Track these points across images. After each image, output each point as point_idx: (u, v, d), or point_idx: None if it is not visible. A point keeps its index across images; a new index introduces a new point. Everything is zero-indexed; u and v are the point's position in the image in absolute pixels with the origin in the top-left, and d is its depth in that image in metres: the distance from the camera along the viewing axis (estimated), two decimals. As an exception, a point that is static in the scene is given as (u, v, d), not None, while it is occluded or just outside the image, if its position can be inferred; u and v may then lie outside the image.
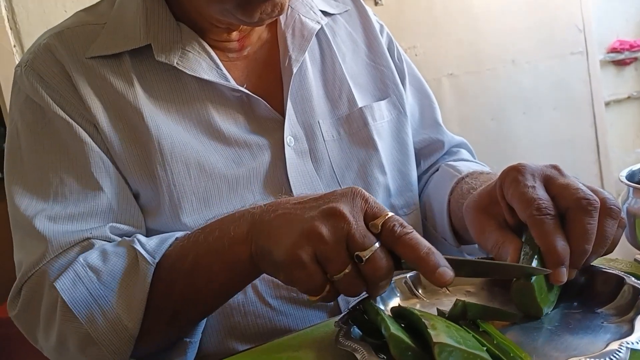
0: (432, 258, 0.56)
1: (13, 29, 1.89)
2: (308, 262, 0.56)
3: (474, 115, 2.69)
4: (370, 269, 0.56)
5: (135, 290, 0.70)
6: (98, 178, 0.78)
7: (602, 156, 3.03)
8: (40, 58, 0.81)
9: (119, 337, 0.69)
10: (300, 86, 0.90)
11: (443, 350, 0.48)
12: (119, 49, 0.82)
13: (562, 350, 0.53)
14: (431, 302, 0.68)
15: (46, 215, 0.75)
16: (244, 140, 0.84)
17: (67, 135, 0.79)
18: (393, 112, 0.98)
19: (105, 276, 0.71)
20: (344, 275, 0.56)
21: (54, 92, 0.79)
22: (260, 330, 0.81)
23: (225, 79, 0.84)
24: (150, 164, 0.79)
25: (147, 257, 0.71)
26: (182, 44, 0.83)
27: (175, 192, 0.79)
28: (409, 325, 0.57)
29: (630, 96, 3.32)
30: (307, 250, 0.56)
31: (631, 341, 0.49)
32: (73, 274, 0.71)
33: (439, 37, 2.63)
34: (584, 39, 2.96)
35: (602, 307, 0.60)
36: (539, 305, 0.60)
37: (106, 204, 0.78)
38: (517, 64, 2.81)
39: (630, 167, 0.80)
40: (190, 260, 0.69)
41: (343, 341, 0.57)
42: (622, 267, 0.72)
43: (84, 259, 0.72)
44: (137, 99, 0.80)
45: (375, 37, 1.01)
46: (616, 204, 0.62)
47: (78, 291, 0.70)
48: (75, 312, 0.69)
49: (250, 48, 0.90)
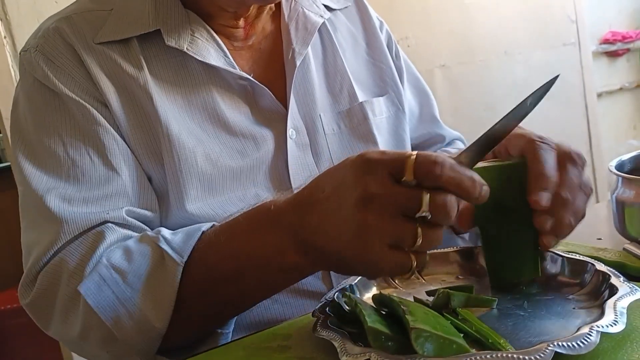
0: (477, 187, 0.53)
1: (3, 20, 1.88)
2: (387, 268, 0.55)
3: (466, 106, 2.69)
4: (439, 216, 0.53)
5: (164, 290, 0.67)
6: (113, 161, 0.77)
7: (594, 147, 3.03)
8: (51, 42, 0.81)
9: (145, 337, 0.68)
10: (303, 79, 0.91)
11: (419, 335, 0.49)
12: (128, 34, 0.82)
13: (535, 335, 0.55)
14: (407, 291, 0.69)
15: (59, 195, 0.74)
16: (249, 131, 0.84)
17: (81, 117, 0.78)
18: (391, 108, 0.99)
19: (131, 277, 0.69)
20: (422, 240, 0.53)
21: (66, 76, 0.79)
22: (255, 318, 0.81)
23: (233, 66, 0.85)
24: (158, 148, 0.79)
25: (174, 256, 0.68)
26: (190, 30, 0.83)
27: (182, 178, 0.79)
28: (389, 313, 0.58)
29: (622, 87, 3.33)
30: (374, 243, 0.54)
31: (601, 325, 0.50)
32: (98, 277, 0.69)
33: (432, 28, 2.63)
34: (577, 30, 2.96)
35: (573, 294, 0.63)
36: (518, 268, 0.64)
37: (122, 186, 0.77)
38: (509, 54, 2.81)
39: (619, 157, 0.80)
40: (233, 269, 0.67)
41: (321, 330, 0.57)
42: (611, 257, 0.73)
43: (108, 259, 0.70)
44: (147, 83, 0.80)
45: (375, 34, 1.02)
46: (579, 153, 0.66)
47: (104, 295, 0.68)
48: (102, 317, 0.67)
49: (255, 38, 0.91)
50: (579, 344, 0.48)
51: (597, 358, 0.50)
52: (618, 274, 0.60)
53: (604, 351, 0.51)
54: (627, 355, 0.50)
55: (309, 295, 0.84)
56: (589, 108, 3.01)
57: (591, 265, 0.63)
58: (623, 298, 0.55)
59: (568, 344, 0.48)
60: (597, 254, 0.74)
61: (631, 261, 0.71)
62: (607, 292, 0.58)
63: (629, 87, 3.35)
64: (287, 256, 0.62)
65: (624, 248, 0.74)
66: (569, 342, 0.48)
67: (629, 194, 0.74)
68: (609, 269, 0.62)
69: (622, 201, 0.75)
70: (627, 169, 0.80)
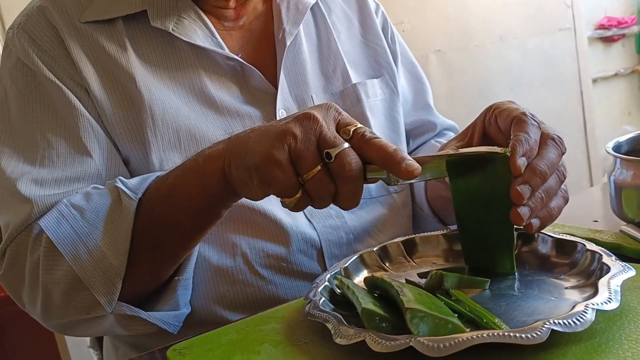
0: (399, 153, 0.58)
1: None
2: (283, 159, 0.58)
3: (461, 92, 2.69)
4: (339, 165, 0.58)
5: (120, 226, 0.70)
6: (87, 143, 0.78)
7: (589, 133, 3.04)
8: (33, 20, 0.81)
9: (105, 276, 0.69)
10: (295, 60, 0.90)
11: (415, 315, 0.49)
12: (114, 13, 0.82)
13: (528, 314, 0.55)
14: (398, 274, 0.69)
15: (31, 179, 0.75)
16: (236, 111, 0.84)
17: (57, 99, 0.78)
18: (386, 90, 0.98)
19: (89, 214, 0.71)
20: (315, 173, 0.58)
21: (46, 55, 0.79)
22: (249, 299, 0.81)
23: (220, 47, 0.84)
24: (141, 128, 0.79)
25: (129, 193, 0.71)
26: (177, 10, 0.83)
27: (165, 157, 0.79)
28: (382, 295, 0.58)
29: (617, 73, 3.32)
30: (282, 148, 0.58)
31: (596, 302, 0.50)
32: (57, 213, 0.71)
33: (427, 13, 2.62)
34: (572, 15, 2.95)
35: (565, 274, 0.62)
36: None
37: (94, 169, 0.78)
38: (505, 40, 2.80)
39: (616, 139, 0.80)
40: (168, 184, 0.71)
41: (313, 313, 0.57)
42: (607, 238, 0.73)
43: (68, 200, 0.73)
44: (129, 64, 0.80)
45: (370, 16, 1.01)
46: (562, 139, 0.66)
47: (62, 229, 0.70)
48: (61, 250, 0.69)
49: (246, 18, 0.90)
50: (575, 322, 0.47)
51: (594, 337, 0.50)
52: (610, 253, 0.60)
53: (600, 331, 0.51)
54: (624, 335, 0.50)
55: (302, 276, 0.83)
56: (584, 94, 3.01)
57: (582, 245, 0.63)
58: (616, 276, 0.55)
59: (564, 321, 0.47)
60: (594, 236, 0.74)
61: (628, 242, 0.71)
62: (599, 271, 0.58)
63: (624, 73, 3.35)
64: (210, 159, 0.67)
65: (620, 230, 0.74)
66: (564, 319, 0.47)
67: (626, 175, 0.74)
68: (601, 248, 0.62)
69: (619, 183, 0.75)
70: (624, 150, 0.79)
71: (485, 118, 0.72)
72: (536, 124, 0.66)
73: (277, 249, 0.82)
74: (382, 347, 0.48)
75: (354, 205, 0.61)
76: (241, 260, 0.81)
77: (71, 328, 0.77)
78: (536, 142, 0.64)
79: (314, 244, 0.84)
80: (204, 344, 0.60)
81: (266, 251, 0.81)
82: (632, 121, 3.41)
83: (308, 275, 0.83)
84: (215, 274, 0.80)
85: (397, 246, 0.72)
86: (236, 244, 0.81)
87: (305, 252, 0.84)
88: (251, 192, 0.64)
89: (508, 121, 0.67)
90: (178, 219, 0.70)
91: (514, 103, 0.70)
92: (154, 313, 0.73)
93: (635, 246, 0.70)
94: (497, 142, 0.70)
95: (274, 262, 0.82)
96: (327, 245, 0.85)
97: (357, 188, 0.60)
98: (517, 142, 0.62)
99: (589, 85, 3.03)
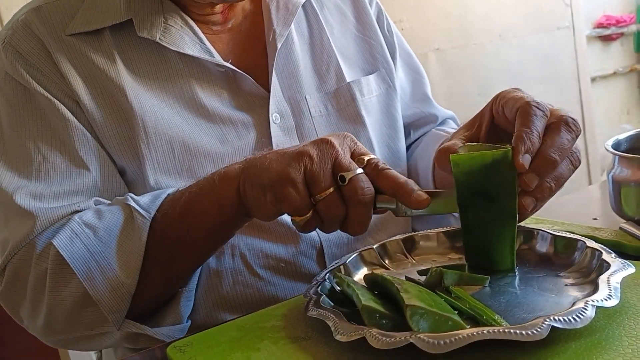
0: (409, 184, 0.61)
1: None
2: (297, 178, 0.60)
3: (460, 90, 2.69)
4: (352, 188, 0.60)
5: (132, 244, 0.70)
6: (83, 156, 0.77)
7: (588, 131, 3.04)
8: (19, 35, 0.79)
9: (115, 294, 0.69)
10: (287, 61, 0.88)
11: (415, 312, 0.49)
12: (99, 24, 0.80)
13: (528, 311, 0.55)
14: (398, 272, 0.69)
15: (28, 192, 0.74)
16: (229, 117, 0.82)
17: (49, 112, 0.77)
18: (382, 86, 0.96)
19: (102, 232, 0.71)
20: (328, 195, 0.60)
21: (35, 70, 0.78)
22: (249, 300, 0.81)
23: (210, 54, 0.82)
24: (134, 141, 0.78)
25: (142, 212, 0.71)
26: (164, 18, 0.81)
27: (160, 169, 0.78)
28: (381, 293, 0.58)
29: (616, 72, 3.32)
30: (298, 168, 0.61)
31: (596, 299, 0.50)
32: (70, 231, 0.71)
33: (426, 11, 2.61)
34: (571, 13, 2.95)
35: (565, 271, 0.62)
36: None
37: (92, 181, 0.77)
38: (504, 38, 2.80)
39: (616, 137, 0.80)
40: (182, 203, 0.71)
41: (313, 310, 0.57)
42: (607, 236, 0.73)
43: (79, 217, 0.72)
44: (119, 76, 0.78)
45: (364, 8, 0.99)
46: (575, 120, 0.65)
47: (76, 247, 0.70)
48: (74, 268, 0.69)
49: (235, 20, 0.88)
50: (575, 318, 0.47)
51: (594, 334, 0.50)
52: (610, 251, 0.60)
53: (600, 327, 0.51)
54: (624, 332, 0.50)
55: (302, 276, 0.83)
56: (582, 92, 3.01)
57: (582, 243, 0.63)
58: (616, 273, 0.55)
59: (564, 318, 0.47)
60: (594, 234, 0.74)
61: (628, 240, 0.71)
62: (599, 268, 0.58)
63: (623, 72, 3.35)
64: (226, 180, 0.68)
65: (620, 227, 0.74)
66: (564, 316, 0.48)
67: (625, 172, 0.74)
68: (601, 245, 0.61)
69: (619, 180, 0.75)
70: (624, 148, 0.79)
71: (493, 108, 0.71)
72: (541, 113, 0.64)
73: (276, 249, 0.82)
74: (383, 344, 0.48)
75: (361, 231, 0.63)
76: (240, 261, 0.80)
77: (73, 343, 0.77)
78: (539, 134, 0.62)
79: (314, 244, 0.84)
80: (204, 341, 0.60)
81: (265, 252, 0.81)
82: (631, 120, 3.41)
83: (308, 276, 0.83)
84: (214, 276, 0.80)
85: (397, 243, 0.73)
86: (235, 244, 0.80)
87: (305, 253, 0.84)
88: (264, 210, 0.65)
89: (513, 111, 0.66)
90: (191, 238, 0.70)
91: (520, 91, 0.69)
92: (159, 329, 0.73)
93: (635, 243, 0.70)
94: (506, 132, 0.69)
95: (274, 262, 0.82)
96: (328, 246, 0.85)
97: (367, 213, 0.61)
98: (519, 140, 0.61)
99: (587, 83, 3.03)
